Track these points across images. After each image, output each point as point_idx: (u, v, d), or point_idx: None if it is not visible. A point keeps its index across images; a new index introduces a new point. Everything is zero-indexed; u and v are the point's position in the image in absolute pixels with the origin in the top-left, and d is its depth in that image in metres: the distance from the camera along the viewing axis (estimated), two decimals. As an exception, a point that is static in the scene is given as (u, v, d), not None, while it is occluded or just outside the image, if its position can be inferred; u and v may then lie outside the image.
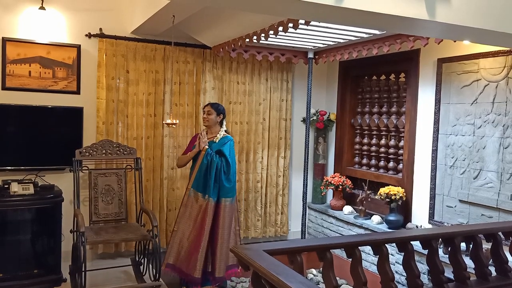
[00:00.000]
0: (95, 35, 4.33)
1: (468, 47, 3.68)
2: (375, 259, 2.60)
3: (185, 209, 3.78)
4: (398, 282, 3.81)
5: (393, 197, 4.15)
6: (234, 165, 3.88)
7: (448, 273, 2.51)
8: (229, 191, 3.80)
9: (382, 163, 4.80)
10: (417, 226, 4.07)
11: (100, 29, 4.35)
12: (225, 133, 3.92)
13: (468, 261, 2.61)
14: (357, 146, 5.21)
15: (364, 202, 4.62)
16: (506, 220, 3.38)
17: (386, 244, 2.34)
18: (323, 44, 4.38)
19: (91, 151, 4.04)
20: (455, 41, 3.65)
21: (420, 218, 4.18)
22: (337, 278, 2.14)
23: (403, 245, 2.41)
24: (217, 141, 3.85)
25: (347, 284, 4.12)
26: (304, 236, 4.98)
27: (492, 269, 2.65)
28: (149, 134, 4.60)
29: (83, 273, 3.38)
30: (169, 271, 3.77)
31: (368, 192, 4.64)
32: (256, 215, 5.17)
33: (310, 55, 4.77)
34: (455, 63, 3.83)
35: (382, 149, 4.79)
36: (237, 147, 4.97)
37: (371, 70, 4.91)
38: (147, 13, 3.77)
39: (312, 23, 3.27)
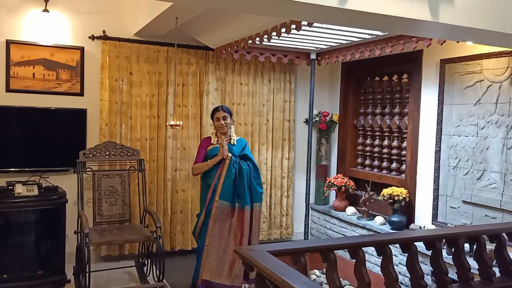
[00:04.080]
0: (98, 37, 4.35)
1: (471, 47, 3.68)
2: (378, 260, 2.60)
3: (214, 222, 3.65)
4: (402, 283, 3.81)
5: (396, 198, 4.15)
6: None
7: (452, 274, 2.51)
8: (261, 196, 3.81)
9: (385, 164, 4.79)
10: (420, 227, 4.06)
11: (104, 31, 4.36)
12: (236, 135, 3.91)
13: (472, 262, 2.60)
14: (359, 147, 5.21)
15: (367, 203, 4.62)
16: (510, 221, 3.37)
17: (389, 245, 2.34)
18: (325, 45, 4.39)
19: (95, 152, 4.06)
20: (458, 42, 3.66)
21: (423, 219, 4.18)
22: (341, 279, 2.14)
23: (407, 246, 2.41)
24: (235, 143, 3.81)
25: (350, 285, 4.11)
26: (307, 237, 4.98)
27: (496, 270, 2.65)
28: (152, 135, 4.61)
29: (87, 274, 3.39)
30: (205, 287, 3.66)
31: (371, 193, 4.63)
32: (262, 217, 5.16)
33: (313, 56, 4.77)
34: (458, 63, 3.83)
35: (385, 150, 4.79)
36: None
37: (373, 71, 4.91)
38: (150, 15, 3.79)
39: (315, 24, 3.28)
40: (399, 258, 3.90)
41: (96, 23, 4.34)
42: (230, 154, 3.70)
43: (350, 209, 4.86)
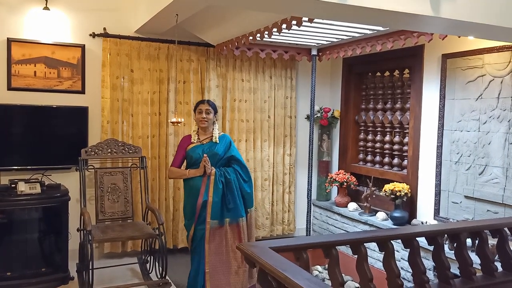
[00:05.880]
0: (99, 35, 4.35)
1: (472, 42, 3.66)
2: (380, 256, 2.60)
3: (209, 245, 3.40)
4: (404, 279, 3.82)
5: (398, 194, 4.15)
6: None
7: (454, 269, 2.51)
8: (252, 199, 3.57)
9: (386, 159, 4.79)
10: (422, 223, 4.07)
11: (104, 28, 4.36)
12: (219, 131, 3.61)
13: (474, 257, 2.61)
14: (361, 143, 5.20)
15: (369, 198, 4.62)
16: (512, 215, 3.37)
17: (391, 241, 2.34)
18: (326, 41, 4.38)
19: (97, 150, 4.06)
20: (459, 37, 3.64)
21: (425, 214, 4.18)
22: (343, 274, 2.15)
23: (409, 241, 2.41)
24: (217, 141, 3.51)
25: (352, 280, 4.12)
26: (309, 233, 4.99)
27: (498, 264, 2.65)
28: (154, 132, 4.62)
29: (90, 271, 3.41)
30: None
31: (373, 188, 4.64)
32: (265, 213, 5.17)
33: (314, 52, 4.76)
34: (460, 58, 3.82)
35: (387, 146, 4.79)
36: (244, 145, 4.98)
37: (375, 66, 4.90)
38: (150, 12, 3.78)
39: (316, 20, 3.27)
40: (401, 253, 3.90)
41: (97, 21, 4.34)
42: (214, 169, 3.41)
43: (352, 205, 4.87)
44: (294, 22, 3.18)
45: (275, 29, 3.43)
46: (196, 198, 3.43)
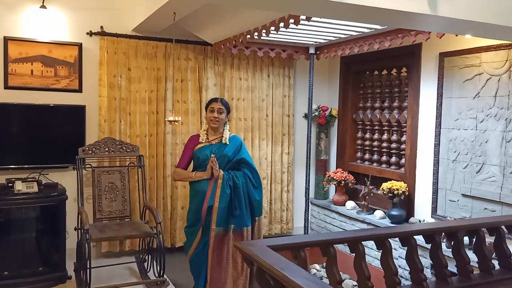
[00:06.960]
0: (96, 33, 4.33)
1: (470, 41, 3.67)
2: (378, 254, 2.61)
3: (213, 253, 3.25)
4: (402, 277, 3.83)
5: (395, 192, 4.16)
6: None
7: (452, 267, 2.52)
8: (261, 207, 3.38)
9: (384, 158, 4.80)
10: (420, 221, 4.08)
11: (101, 27, 4.35)
12: (230, 132, 3.44)
13: (472, 255, 2.61)
14: (359, 141, 5.21)
15: (367, 197, 4.63)
16: (509, 213, 3.38)
17: (389, 239, 2.34)
18: (324, 39, 4.38)
19: (94, 149, 4.06)
20: (457, 35, 3.65)
21: (423, 212, 4.19)
22: (341, 273, 2.15)
23: (406, 239, 2.42)
24: (227, 142, 3.34)
25: (350, 279, 4.13)
26: (307, 232, 4.99)
27: (495, 262, 2.66)
28: (151, 131, 4.61)
29: (88, 270, 3.40)
30: None
31: (371, 187, 4.64)
32: (263, 212, 5.17)
33: (312, 50, 4.76)
34: (457, 57, 3.82)
35: (384, 144, 4.80)
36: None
37: (372, 65, 4.90)
38: (148, 10, 3.77)
39: (314, 18, 3.27)
40: (398, 251, 3.91)
41: (94, 19, 4.32)
42: (222, 172, 3.23)
43: (350, 204, 4.87)
44: (291, 20, 3.18)
45: (273, 28, 3.43)
46: (201, 203, 3.26)
